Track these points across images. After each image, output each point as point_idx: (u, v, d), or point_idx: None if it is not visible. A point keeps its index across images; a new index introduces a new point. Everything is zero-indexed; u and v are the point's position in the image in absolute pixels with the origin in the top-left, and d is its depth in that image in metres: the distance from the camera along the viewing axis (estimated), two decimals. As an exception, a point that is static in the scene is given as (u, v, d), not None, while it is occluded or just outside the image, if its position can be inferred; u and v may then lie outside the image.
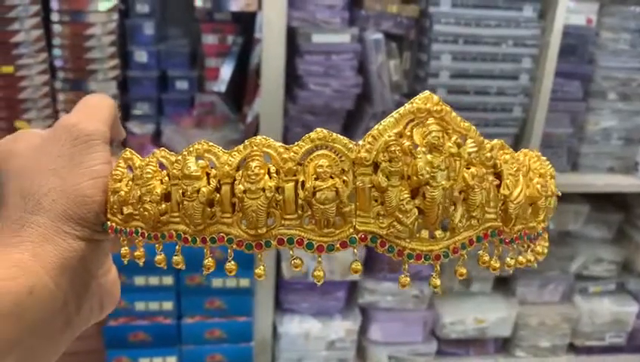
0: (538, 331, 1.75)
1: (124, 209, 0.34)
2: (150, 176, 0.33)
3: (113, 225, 0.35)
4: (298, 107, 1.39)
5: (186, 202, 0.31)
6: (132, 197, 0.34)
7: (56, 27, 1.34)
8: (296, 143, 0.30)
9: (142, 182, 0.33)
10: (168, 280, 1.43)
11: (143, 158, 0.35)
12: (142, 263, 0.34)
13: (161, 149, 0.34)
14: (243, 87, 1.45)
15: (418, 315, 1.67)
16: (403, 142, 0.29)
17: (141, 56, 1.47)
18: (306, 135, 0.30)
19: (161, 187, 0.33)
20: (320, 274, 0.31)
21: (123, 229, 0.34)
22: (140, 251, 0.34)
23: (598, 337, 1.79)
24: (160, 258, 0.34)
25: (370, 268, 1.60)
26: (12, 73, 1.33)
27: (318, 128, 0.30)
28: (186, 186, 0.32)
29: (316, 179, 0.30)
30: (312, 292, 1.60)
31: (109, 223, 0.35)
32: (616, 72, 1.55)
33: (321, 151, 0.30)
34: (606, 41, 1.54)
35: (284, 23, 1.29)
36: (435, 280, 0.31)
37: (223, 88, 1.43)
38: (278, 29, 1.29)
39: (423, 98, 0.30)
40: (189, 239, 0.32)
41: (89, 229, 0.35)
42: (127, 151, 0.36)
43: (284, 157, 0.30)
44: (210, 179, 0.32)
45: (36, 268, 0.32)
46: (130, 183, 0.35)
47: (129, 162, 0.36)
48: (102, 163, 0.36)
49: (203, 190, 0.31)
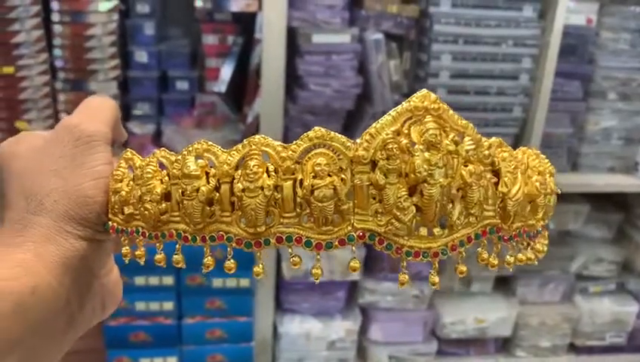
0: (538, 331, 1.75)
1: (125, 209, 0.34)
2: (150, 176, 0.33)
3: (114, 225, 0.35)
4: (298, 107, 1.39)
5: (185, 201, 0.32)
6: (133, 197, 0.34)
7: (57, 28, 1.34)
8: (294, 142, 0.30)
9: (142, 182, 0.33)
10: (169, 281, 1.43)
11: (144, 158, 0.35)
12: (143, 262, 0.34)
13: (162, 149, 0.34)
14: (243, 87, 1.45)
15: (418, 315, 1.67)
16: (400, 140, 0.30)
17: (141, 56, 1.47)
18: (304, 134, 0.30)
19: (162, 186, 0.33)
20: (318, 271, 0.31)
21: (124, 229, 0.34)
22: (141, 250, 0.34)
23: (598, 337, 1.79)
24: (160, 257, 0.34)
25: (370, 268, 1.60)
26: (12, 74, 1.33)
27: (316, 127, 0.30)
28: (185, 185, 0.32)
29: (314, 177, 0.30)
30: (312, 293, 1.60)
31: (110, 223, 0.35)
32: (616, 72, 1.55)
33: (319, 150, 0.30)
34: (606, 41, 1.54)
35: (285, 23, 1.29)
36: (433, 278, 0.31)
37: (223, 88, 1.43)
38: (279, 30, 1.29)
39: (420, 96, 0.30)
40: (189, 238, 0.32)
41: (91, 229, 0.35)
42: (128, 152, 0.36)
43: (283, 155, 0.30)
44: (210, 178, 0.32)
45: (39, 268, 0.32)
46: (130, 183, 0.35)
47: (130, 162, 0.36)
48: (103, 163, 0.36)
49: (202, 189, 0.31)
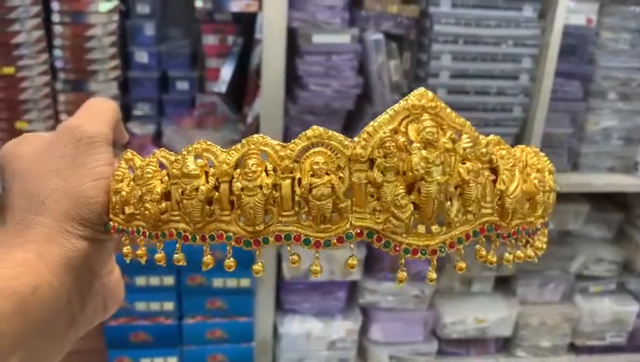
0: (539, 331, 1.75)
1: (126, 209, 0.34)
2: (150, 176, 0.34)
3: (115, 225, 0.35)
4: (298, 107, 1.39)
5: (185, 200, 0.32)
6: (133, 197, 0.34)
7: (57, 28, 1.34)
8: (292, 141, 0.30)
9: (142, 182, 0.34)
10: (169, 281, 1.43)
11: (144, 159, 0.35)
12: (144, 261, 0.35)
13: (161, 149, 0.34)
14: (243, 87, 1.45)
15: (419, 315, 1.67)
16: (398, 139, 0.30)
17: (142, 56, 1.47)
18: (303, 133, 0.30)
19: (161, 186, 0.33)
20: (317, 268, 0.31)
21: (125, 229, 0.35)
22: (142, 250, 0.35)
23: (598, 337, 1.79)
24: (160, 256, 0.34)
25: (370, 268, 1.60)
26: (13, 74, 1.33)
27: (314, 126, 0.30)
28: (185, 185, 0.32)
29: (312, 175, 0.30)
30: (312, 293, 1.60)
31: (111, 223, 0.35)
32: (616, 72, 1.55)
33: (318, 149, 0.30)
34: (606, 41, 1.54)
35: (285, 23, 1.29)
36: (431, 274, 0.31)
37: (223, 89, 1.43)
38: (279, 30, 1.29)
39: (417, 95, 0.30)
40: (189, 237, 0.32)
41: (92, 229, 0.35)
42: (129, 152, 0.36)
43: (281, 154, 0.30)
44: (209, 177, 0.32)
45: (40, 268, 0.33)
46: (131, 183, 0.35)
47: (130, 163, 0.36)
48: (104, 164, 0.36)
49: (202, 188, 0.31)
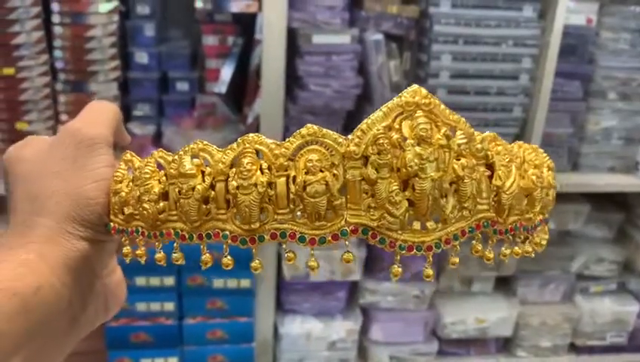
0: (539, 331, 1.75)
1: (125, 209, 0.35)
2: (148, 177, 0.34)
3: (115, 225, 0.35)
4: (298, 108, 1.39)
5: (182, 200, 0.32)
6: (132, 198, 0.34)
7: (57, 29, 1.34)
8: (287, 139, 0.31)
9: (140, 183, 0.34)
10: (169, 281, 1.44)
11: (142, 160, 0.36)
12: (143, 261, 0.35)
13: (159, 150, 0.35)
14: (243, 88, 1.45)
15: (419, 315, 1.67)
16: (392, 135, 0.30)
17: (142, 57, 1.47)
18: (297, 131, 0.31)
19: (159, 186, 0.34)
20: (314, 264, 0.31)
21: (125, 229, 0.35)
22: (141, 250, 0.35)
23: (599, 337, 1.79)
24: (160, 256, 0.34)
25: (370, 268, 1.60)
26: (13, 75, 1.33)
27: (309, 124, 0.30)
28: (181, 184, 0.32)
29: (307, 173, 0.30)
30: (313, 293, 1.60)
31: (111, 224, 0.36)
32: (616, 72, 1.55)
33: (312, 147, 0.30)
34: (606, 41, 1.54)
35: (285, 24, 1.29)
36: (427, 271, 0.31)
37: (223, 89, 1.43)
38: (279, 30, 1.29)
39: (411, 92, 0.30)
40: (186, 236, 0.33)
41: (92, 230, 0.36)
42: (128, 154, 0.37)
43: (276, 153, 0.31)
44: (205, 176, 0.32)
45: (42, 268, 0.33)
46: (130, 184, 0.35)
47: (129, 164, 0.36)
48: (105, 166, 0.37)
49: (198, 187, 0.32)
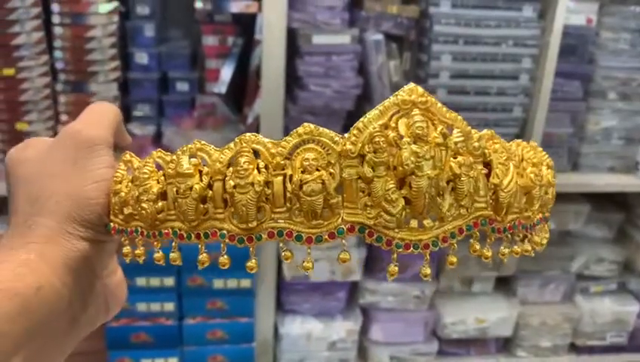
0: (539, 331, 1.75)
1: (125, 209, 0.35)
2: (147, 177, 0.34)
3: (115, 225, 0.36)
4: (298, 108, 1.40)
5: (180, 199, 0.32)
6: (131, 198, 0.34)
7: (57, 29, 1.34)
8: (284, 138, 0.31)
9: (139, 183, 0.34)
10: (169, 281, 1.44)
11: (142, 160, 0.36)
12: (142, 261, 0.35)
13: (158, 150, 0.35)
14: (243, 88, 1.45)
15: (419, 315, 1.67)
16: (388, 134, 0.30)
17: (142, 57, 1.47)
18: (294, 130, 0.31)
19: (158, 186, 0.34)
20: (309, 265, 0.31)
21: (124, 229, 0.35)
22: (140, 250, 0.35)
23: (599, 337, 1.79)
24: (159, 255, 0.35)
25: (370, 268, 1.60)
26: (13, 75, 1.33)
27: (305, 123, 0.30)
28: (179, 184, 0.32)
29: (303, 172, 0.30)
30: (313, 293, 1.60)
31: (111, 224, 0.36)
32: (616, 72, 1.55)
33: (309, 146, 0.30)
34: (606, 41, 1.54)
35: (285, 24, 1.29)
36: (424, 269, 0.31)
37: (223, 89, 1.43)
38: (279, 31, 1.29)
39: (407, 90, 0.30)
40: (185, 235, 0.33)
41: (92, 230, 0.36)
42: (127, 154, 0.37)
43: (273, 152, 0.31)
44: (203, 176, 0.32)
45: (43, 269, 0.33)
46: (129, 184, 0.35)
47: (129, 164, 0.37)
48: (105, 167, 0.37)
49: (196, 187, 0.32)
